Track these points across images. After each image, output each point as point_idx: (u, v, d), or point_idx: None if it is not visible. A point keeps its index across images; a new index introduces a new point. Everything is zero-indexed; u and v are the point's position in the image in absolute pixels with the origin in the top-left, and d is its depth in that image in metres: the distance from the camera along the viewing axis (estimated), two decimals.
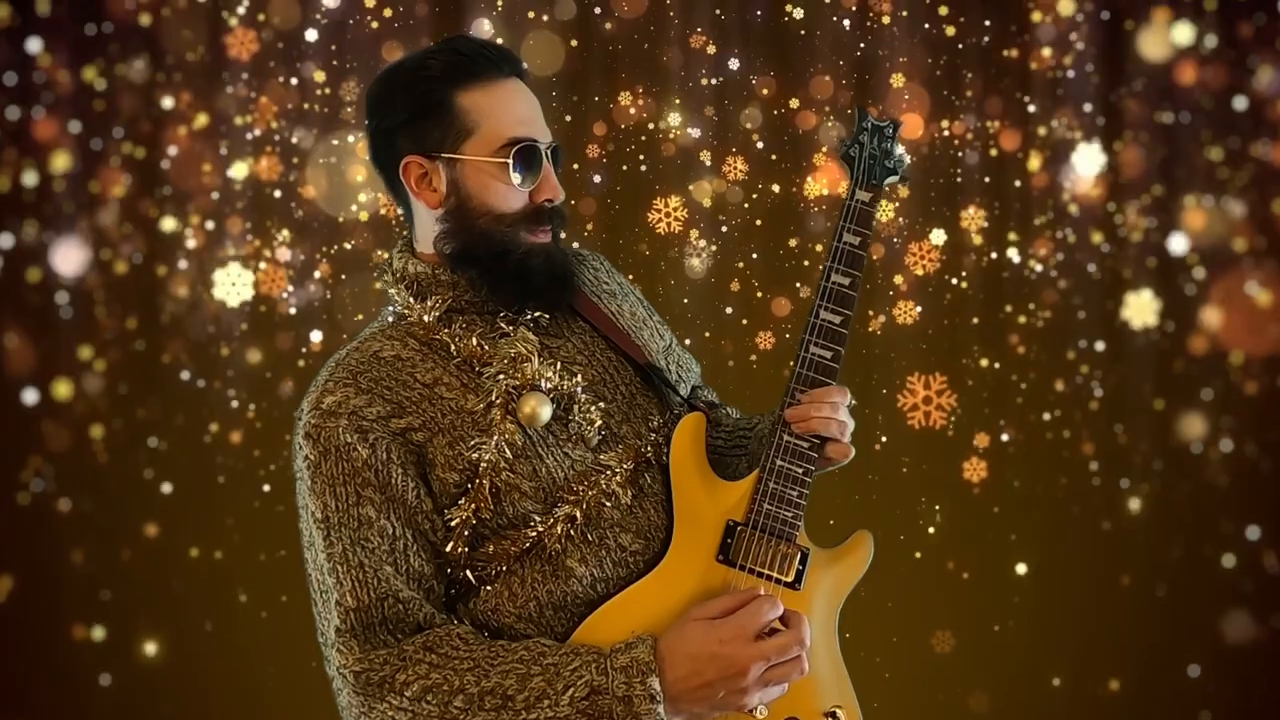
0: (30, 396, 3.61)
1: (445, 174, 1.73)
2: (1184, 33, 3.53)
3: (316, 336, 3.65)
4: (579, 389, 1.75)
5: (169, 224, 3.62)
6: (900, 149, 1.87)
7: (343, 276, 3.63)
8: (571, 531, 1.70)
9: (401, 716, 1.60)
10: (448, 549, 1.69)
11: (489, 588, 1.71)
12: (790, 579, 1.75)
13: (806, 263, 3.65)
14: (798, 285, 3.66)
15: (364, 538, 1.64)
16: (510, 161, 1.71)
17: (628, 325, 1.89)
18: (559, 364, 1.75)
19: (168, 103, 3.57)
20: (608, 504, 1.73)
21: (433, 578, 1.69)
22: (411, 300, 1.76)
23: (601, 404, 1.77)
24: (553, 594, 1.70)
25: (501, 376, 1.70)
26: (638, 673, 1.58)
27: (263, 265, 3.61)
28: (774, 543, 1.75)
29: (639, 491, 1.76)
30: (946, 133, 3.64)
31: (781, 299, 3.66)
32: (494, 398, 1.69)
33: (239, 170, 3.60)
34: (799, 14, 3.63)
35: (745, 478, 1.78)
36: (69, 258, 3.61)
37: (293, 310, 3.63)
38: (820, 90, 3.64)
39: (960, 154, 3.63)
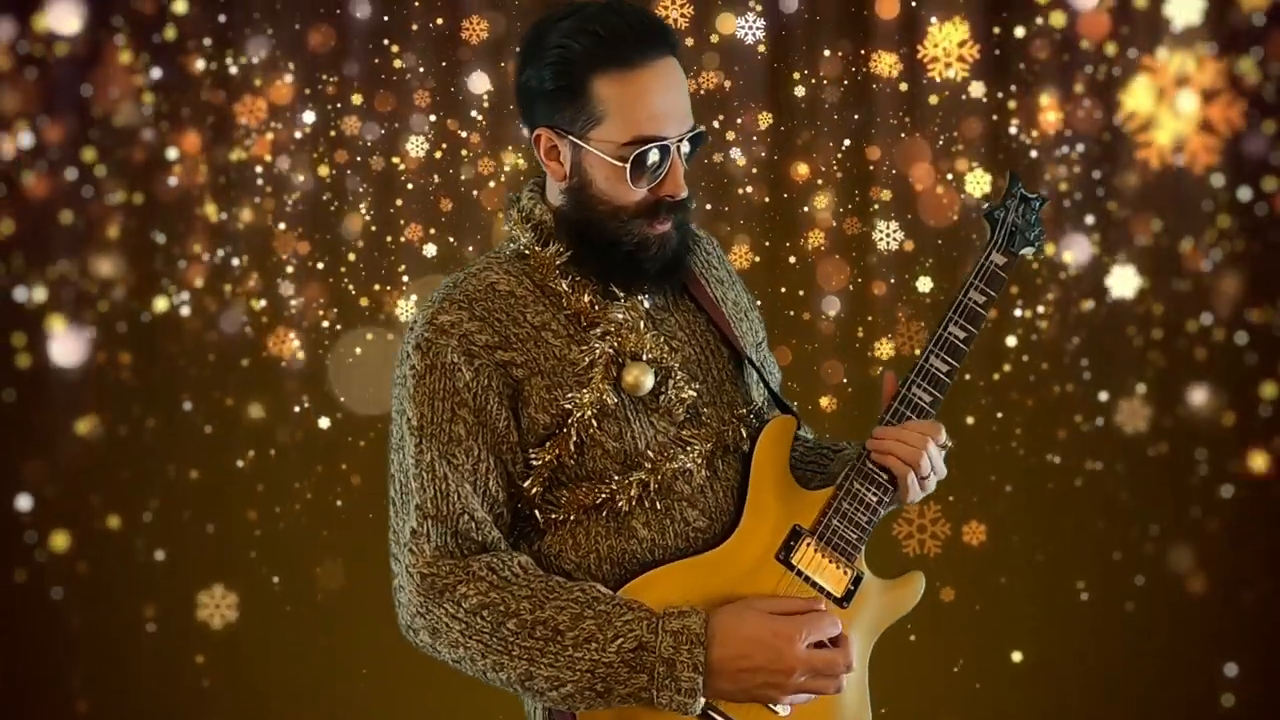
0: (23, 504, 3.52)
1: (571, 154, 1.75)
2: (1188, 100, 3.52)
3: (324, 420, 3.60)
4: (676, 365, 1.80)
5: (163, 284, 3.56)
6: (1041, 226, 1.89)
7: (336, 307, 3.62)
8: (643, 496, 1.76)
9: (455, 625, 1.68)
10: (524, 484, 1.76)
11: (555, 534, 1.78)
12: (840, 595, 1.80)
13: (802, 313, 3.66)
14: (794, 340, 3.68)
15: (451, 453, 1.72)
16: (628, 166, 1.71)
17: (730, 314, 1.93)
18: (662, 338, 1.81)
19: (172, 154, 3.54)
20: (681, 478, 1.78)
21: (504, 505, 1.77)
22: (536, 245, 1.80)
23: (696, 384, 1.82)
24: (613, 549, 1.77)
25: (607, 337, 1.76)
26: (687, 640, 1.64)
27: (261, 303, 3.60)
28: (833, 556, 1.80)
29: (713, 474, 1.81)
30: (950, 177, 3.64)
31: (783, 348, 3.66)
32: (597, 355, 1.76)
33: (240, 218, 3.56)
34: (799, 79, 3.62)
35: (821, 489, 1.83)
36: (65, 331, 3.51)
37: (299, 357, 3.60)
38: (820, 151, 3.63)
39: (961, 197, 3.63)
